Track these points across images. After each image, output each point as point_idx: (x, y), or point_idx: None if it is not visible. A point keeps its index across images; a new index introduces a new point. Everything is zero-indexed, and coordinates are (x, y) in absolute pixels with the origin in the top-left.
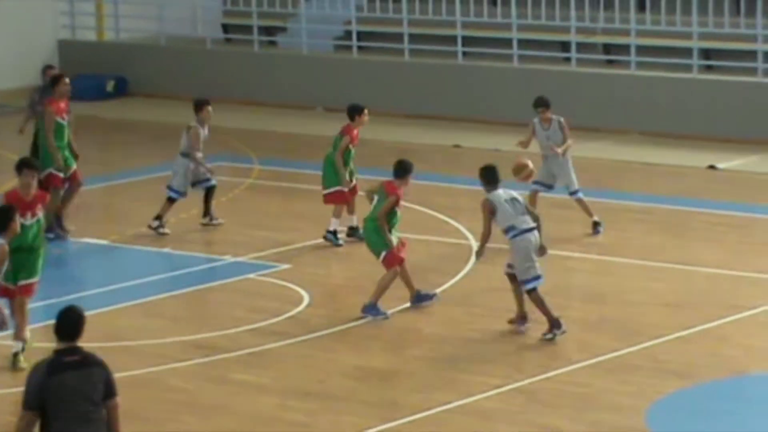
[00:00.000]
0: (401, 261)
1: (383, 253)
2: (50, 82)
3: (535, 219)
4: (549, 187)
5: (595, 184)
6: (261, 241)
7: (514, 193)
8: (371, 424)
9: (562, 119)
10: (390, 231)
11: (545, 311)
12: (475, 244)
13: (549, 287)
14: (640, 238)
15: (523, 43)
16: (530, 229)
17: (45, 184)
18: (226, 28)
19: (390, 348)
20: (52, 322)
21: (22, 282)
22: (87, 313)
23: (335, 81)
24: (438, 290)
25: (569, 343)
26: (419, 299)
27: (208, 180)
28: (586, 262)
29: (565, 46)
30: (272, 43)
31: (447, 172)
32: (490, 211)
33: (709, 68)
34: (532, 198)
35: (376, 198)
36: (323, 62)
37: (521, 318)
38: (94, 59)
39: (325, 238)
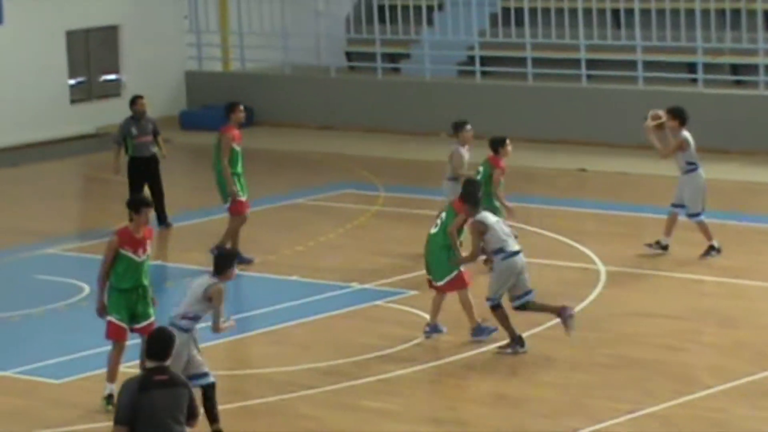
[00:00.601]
0: (466, 285)
1: (451, 274)
2: (226, 110)
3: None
4: (682, 206)
5: (724, 206)
6: (388, 268)
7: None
8: None
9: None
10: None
11: (508, 327)
12: (603, 269)
13: (682, 311)
14: None
15: (649, 65)
16: (517, 252)
17: (233, 213)
18: (349, 56)
19: (519, 374)
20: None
21: (143, 323)
22: (217, 342)
23: (459, 106)
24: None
25: (703, 368)
26: (479, 332)
27: None
28: (719, 285)
29: (691, 67)
30: (395, 69)
31: (573, 196)
32: (481, 232)
33: None
34: (671, 221)
35: (443, 215)
36: (446, 88)
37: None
38: (220, 89)
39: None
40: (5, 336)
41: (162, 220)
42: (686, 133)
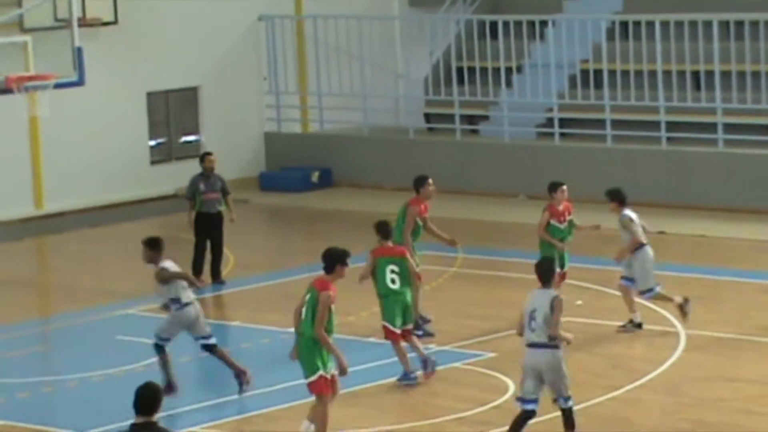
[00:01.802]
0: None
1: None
2: (415, 183)
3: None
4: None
5: None
6: (466, 330)
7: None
8: None
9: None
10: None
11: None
12: (683, 332)
13: (762, 375)
14: None
15: (729, 127)
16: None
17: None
18: (428, 117)
19: None
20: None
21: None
22: (295, 403)
23: (537, 168)
24: (645, 378)
25: None
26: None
27: None
28: None
29: None
30: (474, 131)
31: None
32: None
33: None
34: (626, 296)
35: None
36: (525, 150)
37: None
38: (298, 151)
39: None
40: (85, 396)
41: (216, 277)
42: (628, 212)
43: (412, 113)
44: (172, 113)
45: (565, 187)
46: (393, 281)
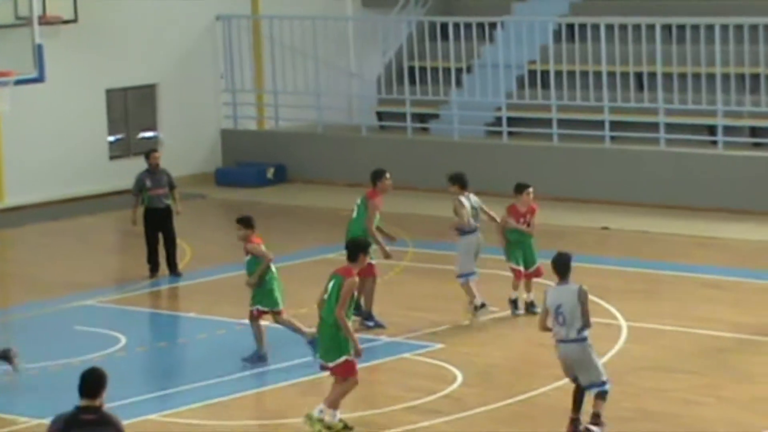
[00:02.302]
0: None
1: None
2: (373, 176)
3: None
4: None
5: (742, 264)
6: (415, 322)
7: None
8: None
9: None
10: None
11: None
12: (625, 324)
13: (700, 366)
14: None
15: (670, 127)
16: None
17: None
18: (380, 115)
19: (541, 426)
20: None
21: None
22: (249, 392)
23: (486, 165)
24: None
25: (721, 422)
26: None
27: None
28: (737, 342)
29: (711, 129)
30: (425, 129)
31: (596, 254)
32: None
33: None
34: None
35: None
36: (474, 147)
37: None
38: (254, 147)
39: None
40: (45, 384)
41: (172, 270)
42: (462, 198)
43: (364, 112)
44: (131, 110)
45: (531, 189)
46: None
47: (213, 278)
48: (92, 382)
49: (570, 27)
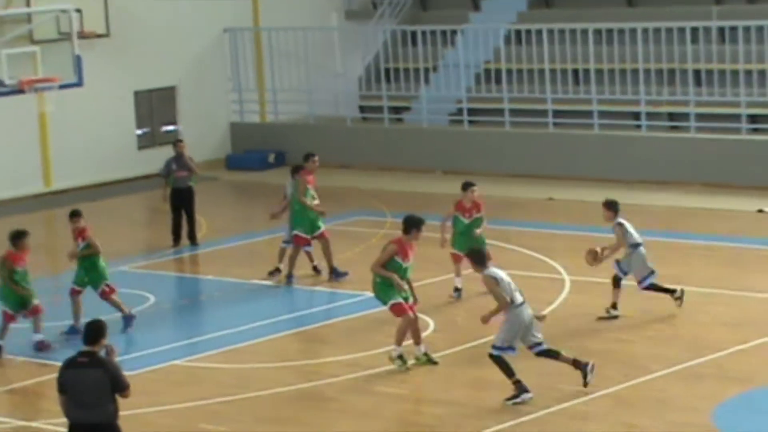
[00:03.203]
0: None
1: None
2: (304, 158)
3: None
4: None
5: (661, 226)
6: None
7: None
8: (488, 425)
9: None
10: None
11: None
12: (568, 278)
13: (630, 311)
14: (703, 270)
15: (602, 114)
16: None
17: (294, 243)
18: (362, 108)
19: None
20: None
21: None
22: (259, 340)
23: (451, 149)
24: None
25: (648, 356)
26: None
27: None
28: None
29: (636, 115)
30: (399, 120)
31: (542, 220)
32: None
33: (755, 130)
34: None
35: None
36: (440, 134)
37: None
38: (258, 137)
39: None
40: None
41: (192, 240)
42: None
43: (349, 105)
44: (155, 108)
45: (475, 187)
46: None
47: (226, 246)
48: (91, 331)
49: (518, 32)
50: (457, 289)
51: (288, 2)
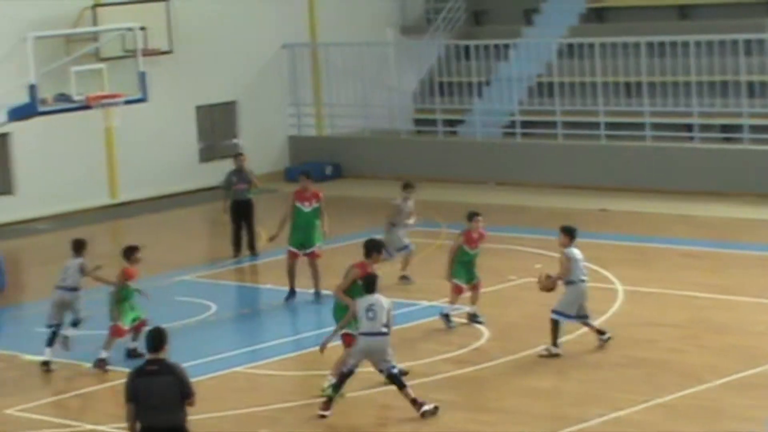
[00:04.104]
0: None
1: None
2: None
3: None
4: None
5: (715, 237)
6: (449, 289)
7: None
8: None
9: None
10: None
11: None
12: (621, 288)
13: (683, 321)
14: (757, 280)
15: (654, 126)
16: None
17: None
18: (416, 122)
19: (554, 372)
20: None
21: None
22: (312, 349)
23: (504, 161)
24: (595, 323)
25: (701, 366)
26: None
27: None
28: (713, 301)
29: (688, 127)
30: (453, 132)
31: (596, 231)
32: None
33: None
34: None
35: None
36: (493, 146)
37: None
38: (315, 149)
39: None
40: None
41: (251, 250)
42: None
43: (403, 119)
44: (216, 122)
45: (480, 217)
46: None
47: (283, 257)
48: (153, 339)
49: (570, 46)
50: (447, 316)
51: (345, 19)
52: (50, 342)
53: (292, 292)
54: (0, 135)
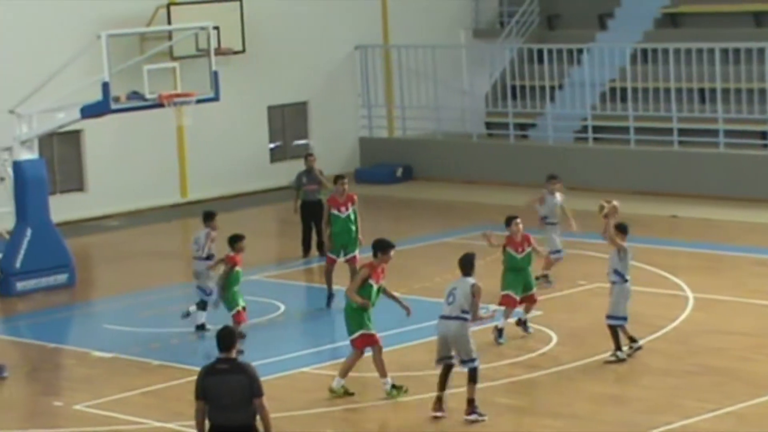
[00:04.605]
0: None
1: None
2: (334, 180)
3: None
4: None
5: None
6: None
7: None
8: None
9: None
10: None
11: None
12: (691, 296)
13: (755, 329)
14: None
15: (728, 133)
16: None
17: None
18: (488, 125)
19: (623, 378)
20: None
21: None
22: (388, 349)
23: (575, 166)
24: (660, 332)
25: None
26: None
27: None
28: None
29: (762, 134)
30: (524, 136)
31: (666, 237)
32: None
33: None
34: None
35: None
36: (565, 151)
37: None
38: (386, 151)
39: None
40: None
41: (321, 251)
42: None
43: (475, 122)
44: (287, 122)
45: (518, 220)
46: None
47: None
48: (223, 338)
49: (644, 51)
50: (499, 330)
51: (417, 21)
52: (203, 306)
53: (330, 296)
54: (73, 132)
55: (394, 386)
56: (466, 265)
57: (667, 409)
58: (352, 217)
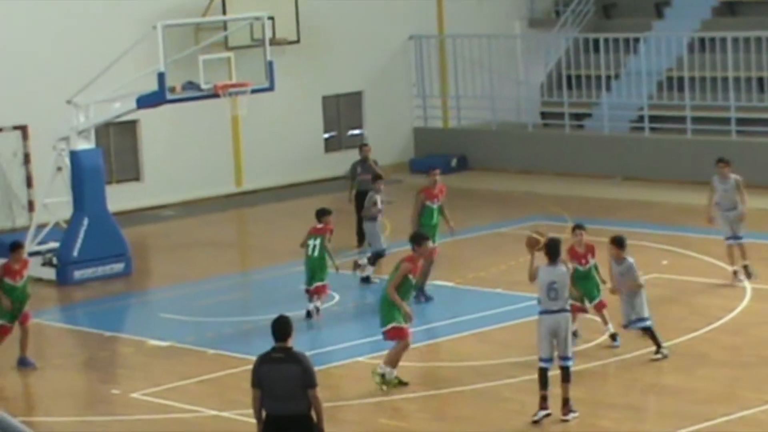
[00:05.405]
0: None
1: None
2: (427, 171)
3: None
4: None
5: None
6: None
7: None
8: (664, 430)
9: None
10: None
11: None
12: (749, 286)
13: None
14: None
15: None
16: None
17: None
18: (543, 115)
19: (680, 369)
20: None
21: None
22: (437, 340)
23: (631, 156)
24: (718, 323)
25: None
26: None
27: None
28: None
29: None
30: (580, 126)
31: None
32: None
33: None
34: (731, 250)
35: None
36: (621, 141)
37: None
38: (441, 141)
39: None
40: None
41: None
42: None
43: (530, 112)
44: (342, 112)
45: (582, 231)
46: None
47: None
48: (279, 327)
49: (701, 40)
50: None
51: (472, 10)
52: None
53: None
54: (129, 122)
55: (397, 378)
56: (554, 251)
57: (725, 400)
58: (441, 208)
